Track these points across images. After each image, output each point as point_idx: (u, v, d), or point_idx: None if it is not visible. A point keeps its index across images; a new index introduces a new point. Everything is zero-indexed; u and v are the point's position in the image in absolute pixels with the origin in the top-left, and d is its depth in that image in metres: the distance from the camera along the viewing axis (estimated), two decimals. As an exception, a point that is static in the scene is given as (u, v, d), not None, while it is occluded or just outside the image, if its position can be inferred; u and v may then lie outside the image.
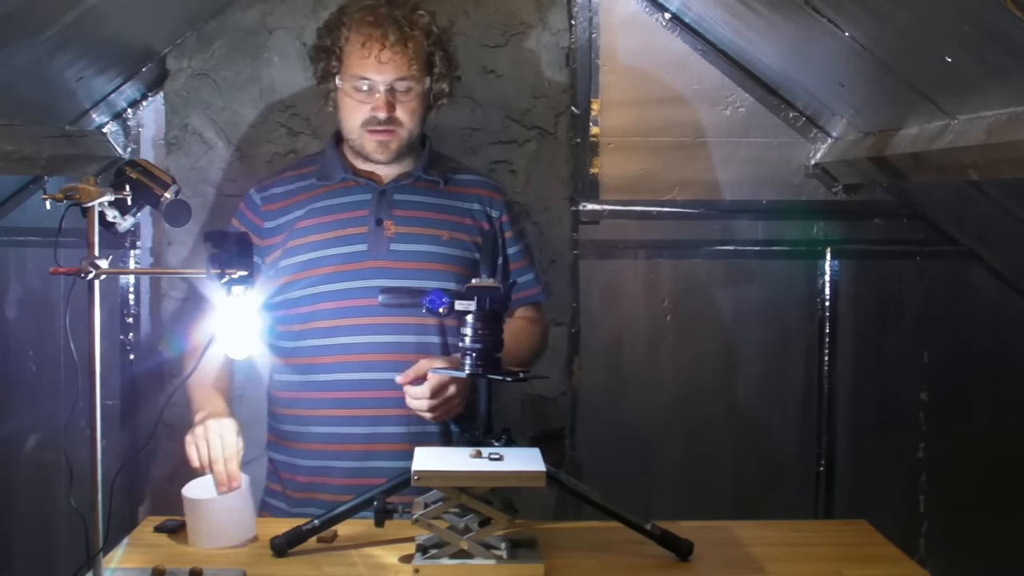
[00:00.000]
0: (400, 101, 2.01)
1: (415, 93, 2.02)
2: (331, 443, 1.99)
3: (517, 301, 2.15)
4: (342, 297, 2.00)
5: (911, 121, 2.20)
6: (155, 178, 1.59)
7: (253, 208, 2.11)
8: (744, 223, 2.78)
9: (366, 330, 1.99)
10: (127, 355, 2.71)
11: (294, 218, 2.06)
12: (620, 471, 2.74)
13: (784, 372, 2.82)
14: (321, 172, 2.10)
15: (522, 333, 2.12)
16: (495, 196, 2.15)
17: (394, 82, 1.99)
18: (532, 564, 1.60)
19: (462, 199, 2.11)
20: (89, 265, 1.47)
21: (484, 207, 2.12)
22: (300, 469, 2.03)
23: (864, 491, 2.82)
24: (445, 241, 2.05)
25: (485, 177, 2.23)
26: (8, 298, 2.74)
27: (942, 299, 2.81)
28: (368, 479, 1.90)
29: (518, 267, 2.16)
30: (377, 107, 1.99)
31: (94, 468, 1.49)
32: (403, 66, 1.99)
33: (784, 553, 1.74)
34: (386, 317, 1.96)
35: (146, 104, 2.66)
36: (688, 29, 2.71)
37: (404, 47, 1.99)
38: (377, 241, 2.02)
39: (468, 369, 1.72)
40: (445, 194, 2.10)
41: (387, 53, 1.98)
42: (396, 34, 1.99)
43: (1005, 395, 2.76)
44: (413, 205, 2.07)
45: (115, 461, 2.47)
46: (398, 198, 2.07)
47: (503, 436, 1.71)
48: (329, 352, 2.00)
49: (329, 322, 2.00)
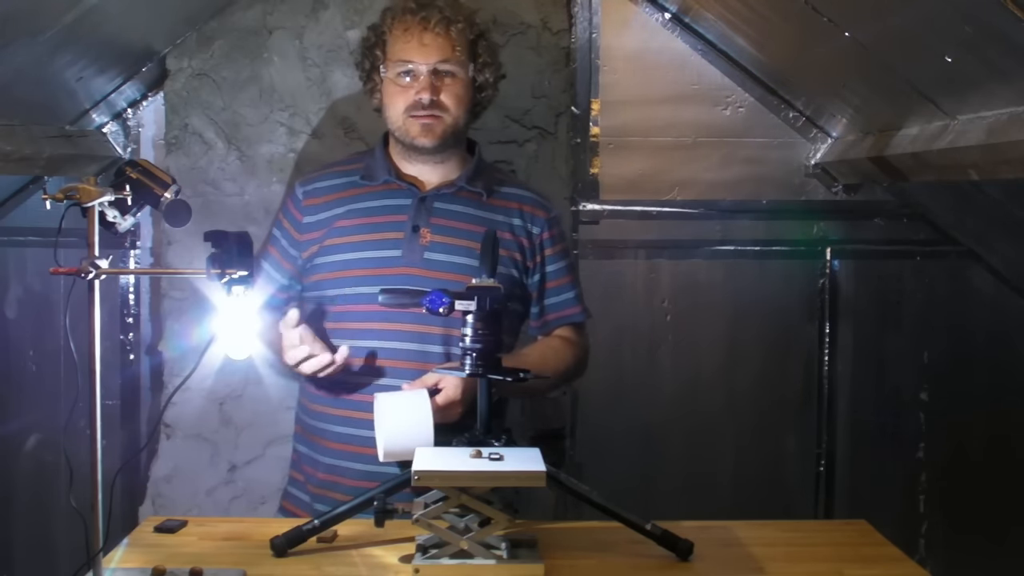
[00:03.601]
0: (445, 85, 2.00)
1: (459, 79, 2.02)
2: (349, 444, 1.99)
3: (556, 320, 2.12)
4: (371, 301, 1.94)
5: (911, 121, 2.20)
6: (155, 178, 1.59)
7: (295, 202, 2.10)
8: (744, 223, 2.78)
9: (392, 336, 1.97)
10: (127, 355, 2.72)
11: (334, 215, 2.04)
12: (620, 471, 2.74)
13: (784, 372, 2.82)
14: (366, 171, 2.08)
15: (549, 350, 2.09)
16: (538, 213, 2.10)
17: (437, 64, 1.99)
18: (532, 564, 1.60)
19: (504, 213, 2.07)
20: (89, 265, 1.47)
21: (526, 223, 2.08)
22: (320, 465, 2.03)
23: (864, 491, 2.82)
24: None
25: (532, 192, 2.16)
26: (8, 298, 2.74)
27: (942, 299, 2.81)
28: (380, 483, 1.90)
29: (557, 285, 2.11)
30: (421, 90, 1.98)
31: (94, 468, 1.49)
32: (446, 49, 2.00)
33: (784, 553, 1.74)
34: (413, 325, 1.95)
35: (146, 104, 2.66)
36: (688, 29, 2.71)
37: (446, 30, 2.00)
38: (411, 248, 1.99)
39: (468, 369, 1.72)
40: (487, 207, 2.06)
41: (429, 35, 1.99)
42: (438, 17, 2.00)
43: (1005, 395, 2.76)
44: (452, 215, 2.03)
45: (115, 461, 2.48)
46: (438, 206, 2.03)
47: (503, 436, 1.71)
48: (355, 354, 1.97)
49: (358, 324, 1.99)
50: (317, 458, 2.04)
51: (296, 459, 2.13)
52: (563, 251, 2.15)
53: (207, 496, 2.59)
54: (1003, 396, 2.76)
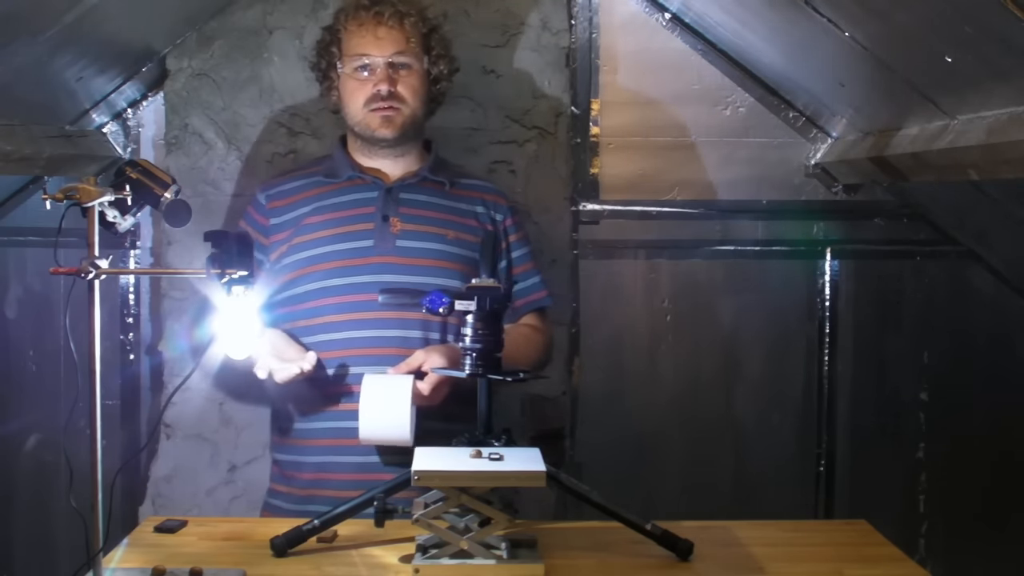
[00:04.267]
0: (401, 78, 2.07)
1: (415, 71, 2.08)
2: (336, 438, 2.00)
3: (525, 306, 2.17)
4: (347, 292, 2.02)
5: (911, 121, 2.20)
6: (155, 178, 1.59)
7: (258, 208, 2.15)
8: (744, 223, 2.78)
9: (371, 324, 2.00)
10: (127, 355, 2.72)
11: (301, 214, 2.09)
12: (620, 471, 2.74)
13: (784, 372, 2.82)
14: (328, 171, 2.14)
15: (522, 341, 2.11)
16: (499, 200, 2.19)
17: (393, 56, 2.06)
18: (532, 564, 1.60)
19: (467, 201, 2.15)
20: (89, 265, 1.47)
21: (488, 210, 2.16)
22: (305, 466, 2.04)
23: (864, 491, 2.82)
24: (450, 240, 2.07)
25: (489, 183, 2.27)
26: (8, 298, 2.74)
27: (942, 299, 2.81)
28: (372, 474, 1.92)
29: (524, 270, 2.18)
30: (379, 82, 2.05)
31: (94, 468, 1.49)
32: (401, 41, 2.06)
33: (784, 553, 1.74)
34: (391, 312, 1.99)
35: (146, 104, 2.66)
36: (688, 29, 2.71)
37: (400, 23, 2.07)
38: (383, 237, 2.05)
39: (468, 369, 1.72)
40: (450, 196, 2.13)
41: (383, 29, 2.05)
42: (391, 11, 2.07)
43: (1005, 395, 2.76)
44: (419, 204, 2.10)
45: (115, 461, 2.47)
46: (404, 196, 2.10)
47: (503, 436, 1.71)
48: (335, 347, 2.01)
49: (334, 317, 2.02)
50: (301, 460, 2.05)
51: (276, 471, 2.14)
52: (525, 238, 2.23)
53: (207, 496, 2.59)
54: (1003, 396, 2.76)
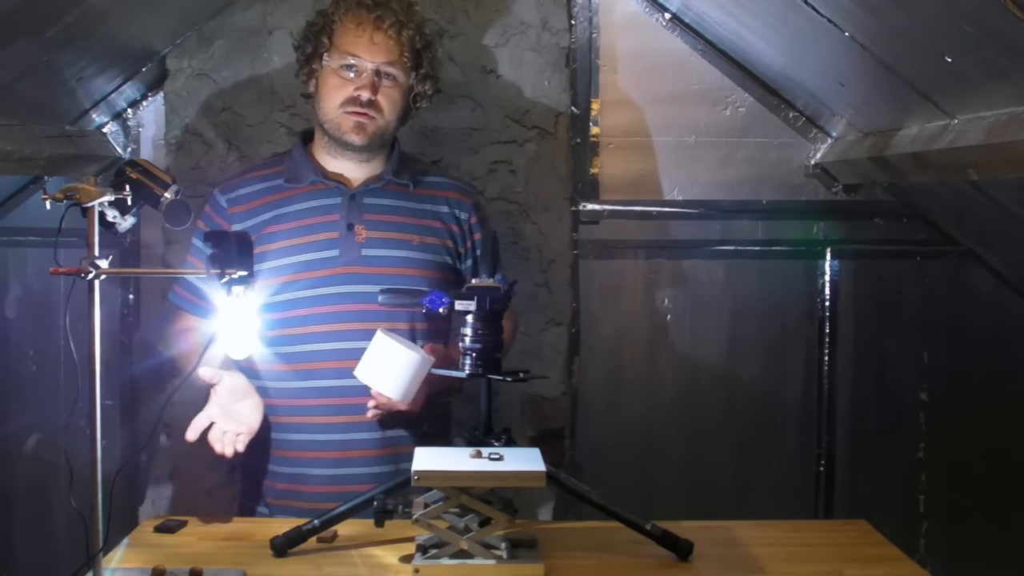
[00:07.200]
0: (384, 88, 2.01)
1: (399, 84, 2.03)
2: (306, 450, 1.98)
3: None
4: (313, 303, 1.97)
5: (911, 121, 2.20)
6: (155, 178, 1.59)
7: (219, 210, 2.07)
8: (744, 223, 2.78)
9: (337, 336, 1.97)
10: (127, 355, 2.71)
11: (262, 221, 2.02)
12: (620, 471, 2.74)
13: (784, 372, 2.82)
14: (289, 174, 2.07)
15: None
16: (463, 199, 2.14)
17: (381, 65, 2.00)
18: (532, 564, 1.60)
19: (431, 202, 2.10)
20: (89, 265, 1.47)
21: (452, 209, 2.11)
22: (278, 476, 2.02)
23: (864, 491, 2.82)
24: (416, 246, 2.04)
25: (453, 179, 2.22)
26: (8, 298, 2.74)
27: (942, 299, 2.81)
28: (343, 486, 1.91)
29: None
30: (361, 87, 1.99)
31: (94, 468, 1.49)
32: (394, 51, 2.01)
33: (784, 553, 1.75)
34: (357, 323, 1.95)
35: (146, 104, 2.66)
36: (688, 29, 2.71)
37: (398, 33, 2.01)
38: (349, 246, 2.00)
39: (468, 369, 1.72)
40: (415, 197, 2.09)
41: (380, 35, 2.00)
42: (392, 19, 2.01)
43: (1005, 395, 2.76)
44: (384, 209, 2.05)
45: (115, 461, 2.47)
46: (368, 202, 2.05)
47: (503, 436, 1.71)
48: (301, 359, 1.97)
49: (300, 328, 1.98)
50: (274, 470, 2.03)
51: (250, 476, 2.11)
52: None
53: (207, 496, 2.59)
54: (1003, 396, 2.76)
